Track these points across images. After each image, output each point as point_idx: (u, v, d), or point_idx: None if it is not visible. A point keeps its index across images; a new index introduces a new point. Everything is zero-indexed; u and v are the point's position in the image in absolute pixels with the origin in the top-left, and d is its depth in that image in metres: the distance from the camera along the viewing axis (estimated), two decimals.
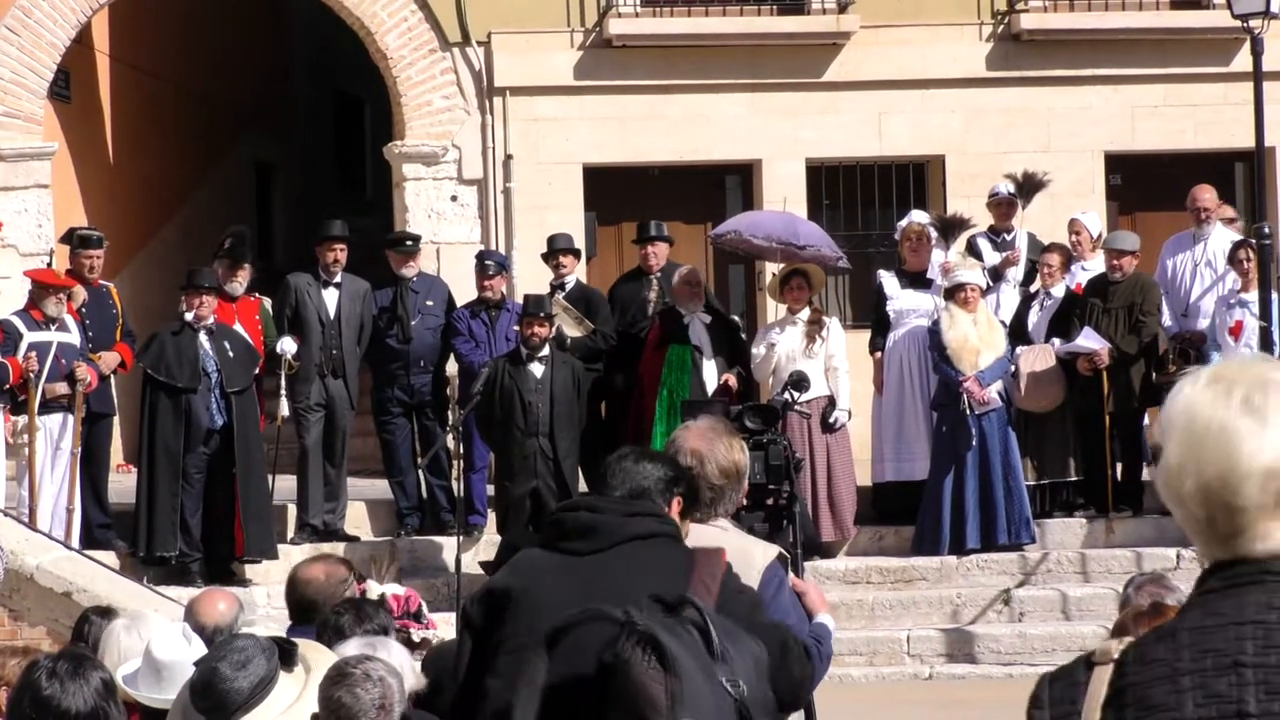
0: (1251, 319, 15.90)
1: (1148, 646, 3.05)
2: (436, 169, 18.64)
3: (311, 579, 7.19)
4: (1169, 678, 3.00)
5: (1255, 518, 3.01)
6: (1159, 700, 3.00)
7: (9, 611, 12.90)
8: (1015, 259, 16.91)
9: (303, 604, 7.18)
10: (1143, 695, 3.01)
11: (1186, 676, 2.99)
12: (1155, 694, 3.00)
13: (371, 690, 5.25)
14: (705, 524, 5.74)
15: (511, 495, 15.05)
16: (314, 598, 7.16)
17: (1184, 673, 2.99)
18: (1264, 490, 3.00)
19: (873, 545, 16.37)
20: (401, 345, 16.23)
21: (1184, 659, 3.01)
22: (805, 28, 18.87)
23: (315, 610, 7.10)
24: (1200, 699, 2.97)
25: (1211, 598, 3.06)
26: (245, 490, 15.19)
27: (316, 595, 7.16)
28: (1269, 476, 2.99)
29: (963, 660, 15.17)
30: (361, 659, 5.40)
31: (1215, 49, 19.01)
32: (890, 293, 16.60)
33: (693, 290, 16.13)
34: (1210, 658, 2.99)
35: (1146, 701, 3.01)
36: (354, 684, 5.26)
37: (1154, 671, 3.02)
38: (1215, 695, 2.97)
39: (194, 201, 22.08)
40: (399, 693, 5.31)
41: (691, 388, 15.78)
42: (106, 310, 15.77)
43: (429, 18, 18.58)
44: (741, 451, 5.83)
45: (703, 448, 5.75)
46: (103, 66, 20.01)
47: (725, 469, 5.75)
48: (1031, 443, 16.20)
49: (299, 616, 7.22)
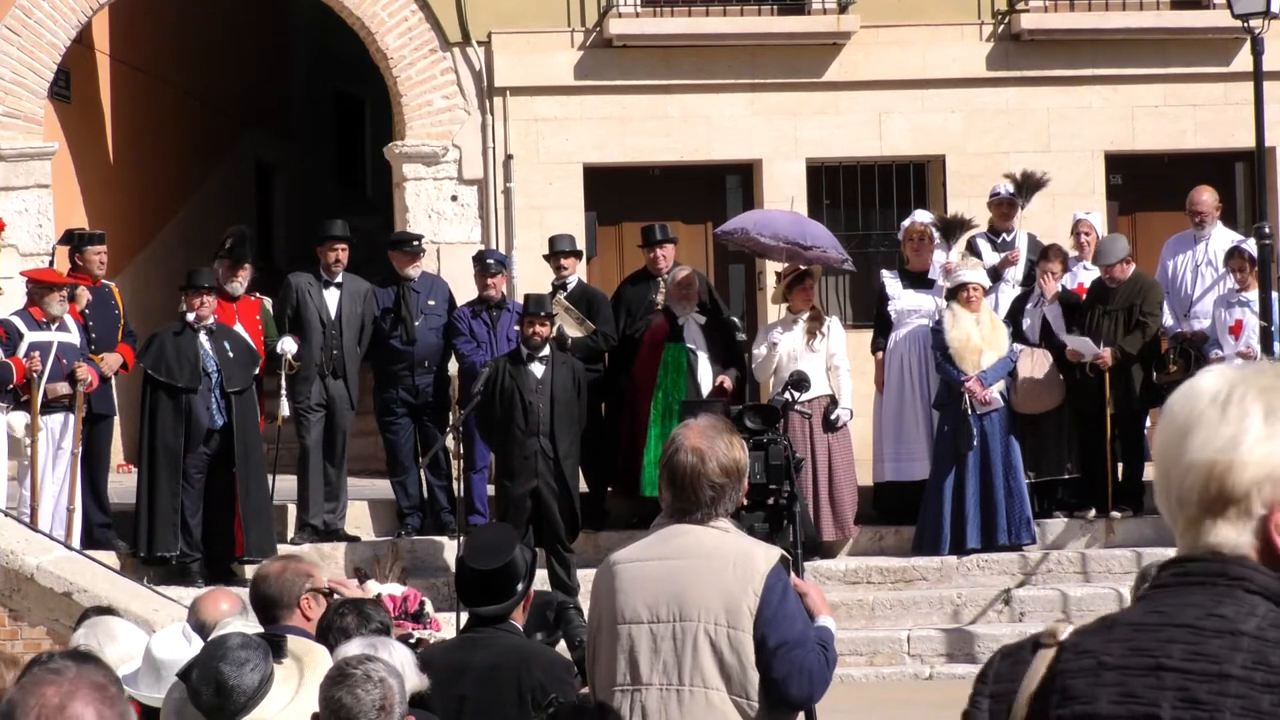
0: (1252, 318, 15.90)
1: (1086, 635, 3.00)
2: (437, 169, 18.64)
3: (267, 574, 7.06)
4: (1094, 670, 2.94)
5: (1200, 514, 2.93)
6: (1079, 692, 2.94)
7: (9, 611, 12.90)
8: (1014, 259, 16.91)
9: (264, 601, 6.96)
10: (1067, 685, 2.96)
11: (1111, 672, 2.92)
12: (1077, 685, 2.95)
13: (372, 691, 5.26)
14: (705, 525, 5.72)
15: (512, 495, 15.05)
16: (270, 594, 7.01)
17: (1110, 667, 2.93)
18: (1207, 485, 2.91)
19: (873, 545, 16.37)
20: (405, 346, 16.22)
21: (1113, 653, 2.94)
22: (805, 28, 18.86)
23: (273, 606, 6.98)
24: (1116, 696, 2.91)
25: (1159, 593, 2.98)
26: (245, 490, 15.19)
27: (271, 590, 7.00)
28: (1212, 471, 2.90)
29: (963, 660, 15.17)
30: (362, 659, 5.40)
31: (1215, 49, 19.01)
32: (892, 293, 16.60)
33: (685, 292, 16.14)
34: (1137, 656, 2.92)
35: (1069, 691, 2.96)
36: (355, 684, 5.26)
37: (1082, 662, 2.96)
38: (1131, 695, 2.90)
39: (194, 201, 22.08)
40: (399, 693, 5.31)
41: (687, 389, 15.79)
42: (109, 310, 15.77)
43: (429, 17, 18.58)
44: (741, 449, 5.82)
45: (703, 445, 5.74)
46: (103, 66, 20.01)
47: (726, 466, 5.74)
48: (1030, 443, 16.20)
49: (262, 615, 7.01)
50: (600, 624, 5.78)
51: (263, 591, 7.02)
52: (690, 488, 5.69)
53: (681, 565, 5.65)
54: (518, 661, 6.52)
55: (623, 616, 5.68)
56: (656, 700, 5.61)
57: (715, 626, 5.56)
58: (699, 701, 5.58)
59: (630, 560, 5.77)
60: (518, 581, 6.59)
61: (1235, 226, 17.78)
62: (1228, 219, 17.59)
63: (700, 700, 5.58)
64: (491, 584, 6.58)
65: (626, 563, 5.77)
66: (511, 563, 6.58)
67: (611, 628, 5.71)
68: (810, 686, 5.63)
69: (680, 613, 5.61)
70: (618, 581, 5.73)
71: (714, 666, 5.57)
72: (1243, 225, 18.09)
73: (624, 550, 5.88)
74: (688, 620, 5.59)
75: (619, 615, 5.69)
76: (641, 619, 5.65)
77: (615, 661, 5.69)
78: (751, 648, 5.54)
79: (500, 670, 6.48)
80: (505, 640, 6.59)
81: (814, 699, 5.72)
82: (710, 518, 5.72)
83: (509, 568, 6.58)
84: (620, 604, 5.69)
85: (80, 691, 3.17)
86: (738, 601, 5.55)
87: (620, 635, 5.68)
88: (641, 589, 5.67)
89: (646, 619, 5.64)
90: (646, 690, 5.63)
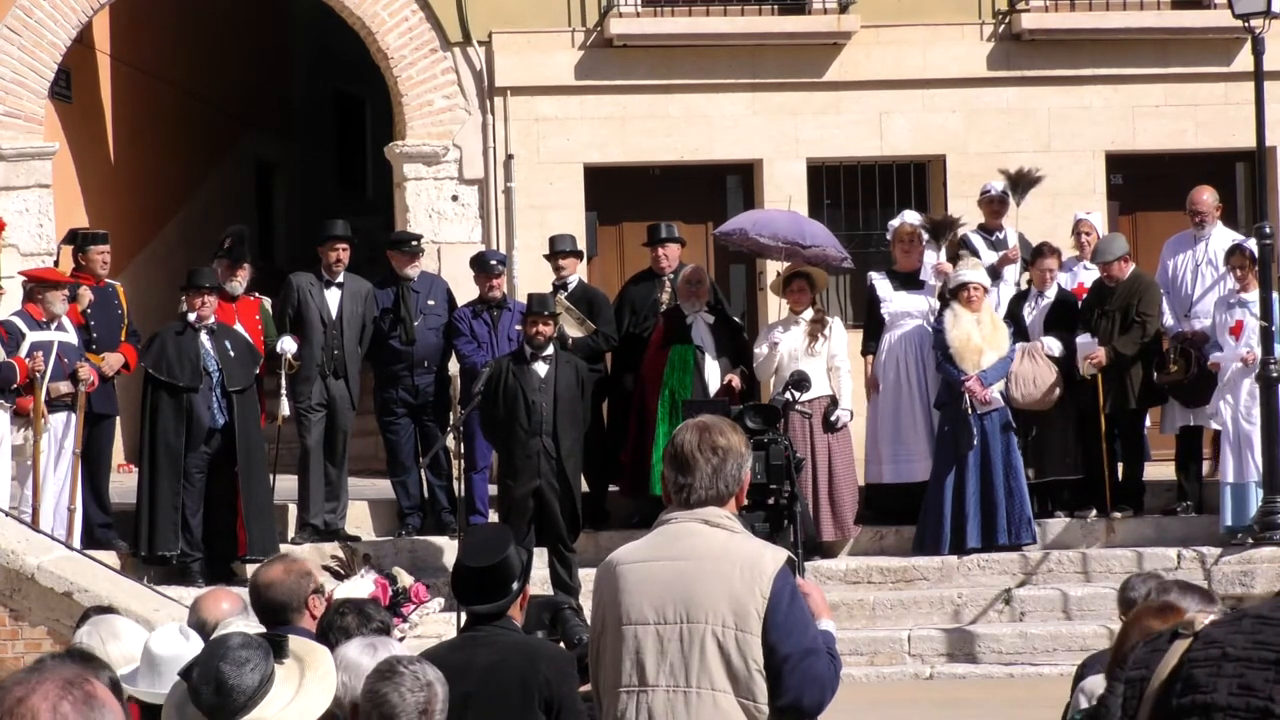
0: (1251, 319, 15.89)
1: (1218, 626, 3.02)
2: (437, 169, 18.65)
3: (272, 579, 7.07)
4: (1217, 660, 2.97)
5: None
6: (1201, 681, 2.97)
7: (10, 611, 12.90)
8: (1014, 257, 16.91)
9: (271, 607, 6.97)
10: (1191, 674, 2.99)
11: (1233, 663, 2.95)
12: (1200, 674, 2.97)
13: (418, 693, 5.28)
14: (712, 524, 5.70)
15: (514, 494, 15.05)
16: (280, 599, 7.02)
17: (1232, 659, 2.95)
18: None
19: (874, 545, 16.37)
20: (405, 346, 16.21)
21: (1237, 645, 2.96)
22: (806, 27, 18.87)
23: (284, 610, 6.98)
24: (1235, 688, 2.93)
25: None
26: (246, 490, 15.19)
27: (280, 595, 7.02)
28: None
29: (964, 660, 15.18)
30: (414, 660, 5.43)
31: (1216, 49, 19.01)
32: (883, 295, 16.60)
33: (695, 290, 16.13)
34: (1260, 649, 2.94)
35: (1191, 680, 2.98)
36: (401, 682, 5.28)
37: (1208, 652, 2.99)
38: (1249, 688, 2.92)
39: (195, 201, 22.08)
40: (442, 701, 5.33)
41: (694, 388, 15.78)
42: (112, 310, 15.77)
43: (430, 17, 18.58)
44: (742, 441, 5.82)
45: (706, 423, 5.79)
46: (104, 66, 20.01)
47: (724, 446, 5.72)
48: (1031, 442, 16.20)
49: (269, 619, 7.01)
50: (604, 625, 5.77)
51: (271, 597, 7.00)
52: (690, 459, 5.69)
53: (688, 567, 5.63)
54: (522, 658, 6.53)
55: (628, 617, 5.67)
56: (663, 702, 5.60)
57: (723, 629, 5.55)
58: (706, 704, 5.57)
59: (635, 561, 5.76)
60: (513, 580, 6.60)
61: (1236, 226, 17.79)
62: (1228, 219, 17.60)
63: (708, 702, 5.57)
64: (487, 582, 6.59)
65: (631, 563, 5.75)
66: (506, 561, 6.59)
67: (616, 629, 5.69)
68: (822, 695, 5.64)
69: (687, 614, 5.59)
70: (623, 582, 5.72)
71: (721, 669, 5.56)
72: (1243, 225, 18.09)
73: (626, 549, 5.85)
74: (695, 622, 5.58)
75: (624, 616, 5.67)
76: (648, 620, 5.64)
77: (620, 663, 5.67)
78: (759, 650, 5.53)
79: (504, 666, 6.49)
80: (507, 637, 6.60)
81: (824, 706, 5.72)
82: (710, 498, 5.69)
83: (504, 565, 6.59)
84: (626, 605, 5.68)
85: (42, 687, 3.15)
86: (745, 604, 5.54)
87: (626, 636, 5.66)
88: (647, 590, 5.66)
89: (653, 620, 5.63)
90: (653, 692, 5.61)
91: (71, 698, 3.15)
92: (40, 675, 3.18)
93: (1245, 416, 15.90)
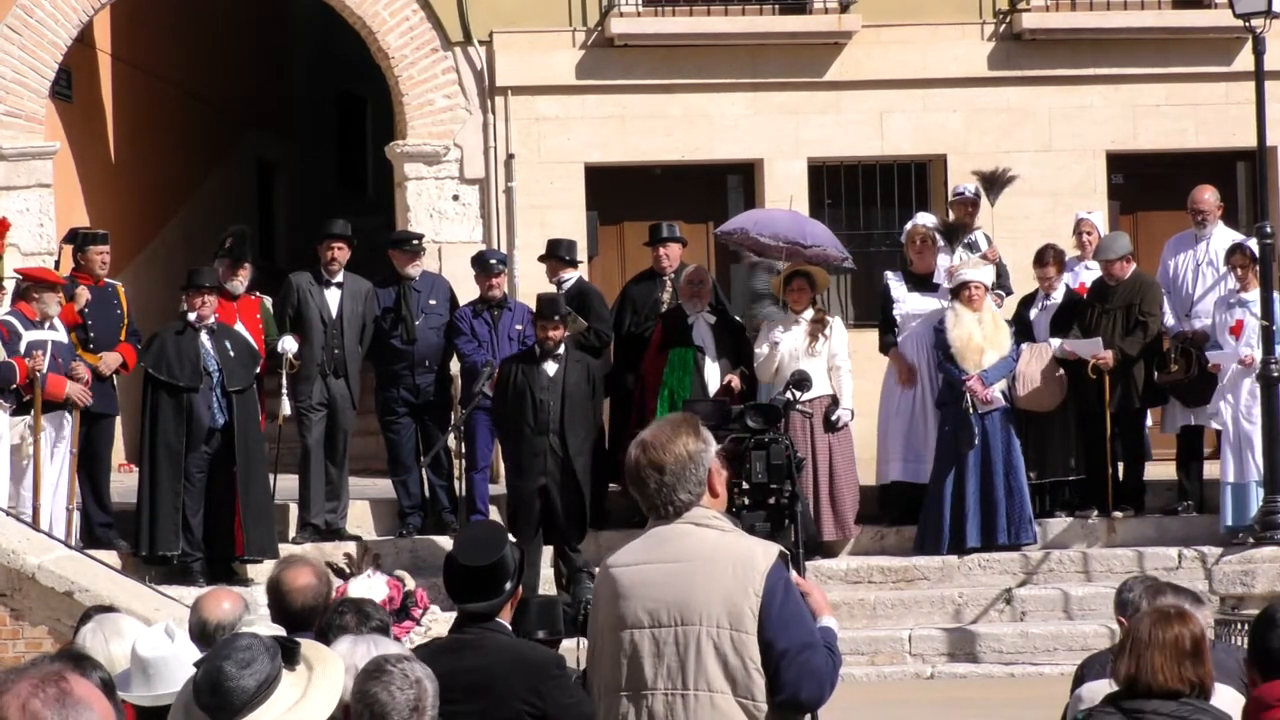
0: (1252, 319, 15.90)
1: None
2: (438, 168, 18.65)
3: (304, 586, 7.07)
4: None
5: None
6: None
7: (10, 611, 12.89)
8: (993, 257, 16.89)
9: (301, 614, 6.99)
10: None
11: None
12: None
13: (408, 691, 5.25)
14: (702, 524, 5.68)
15: (520, 493, 15.04)
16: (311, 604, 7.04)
17: None
18: None
19: (874, 545, 16.37)
20: (406, 346, 16.21)
21: None
22: (807, 27, 18.87)
23: (313, 616, 6.99)
24: None
25: None
26: (246, 489, 15.19)
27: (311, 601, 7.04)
28: None
29: (964, 660, 15.17)
30: (401, 658, 5.40)
31: (1217, 48, 19.01)
32: (897, 296, 16.59)
33: (696, 290, 16.13)
34: None
35: None
36: (390, 681, 5.26)
37: None
38: None
39: (195, 201, 22.08)
40: (433, 697, 5.31)
41: (693, 388, 15.77)
42: (112, 309, 15.75)
43: (430, 17, 18.58)
44: (696, 441, 5.64)
45: (646, 438, 5.65)
46: (104, 66, 20.01)
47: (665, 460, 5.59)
48: (1032, 442, 16.19)
49: (293, 625, 6.98)
50: (601, 629, 5.76)
51: (301, 604, 7.00)
52: (637, 480, 5.67)
53: (682, 568, 5.62)
54: (507, 666, 6.50)
55: (624, 622, 5.66)
56: (662, 705, 5.59)
57: (718, 630, 5.54)
58: (704, 705, 5.56)
59: (629, 564, 5.74)
60: (506, 579, 6.58)
61: (1236, 226, 17.79)
62: (1229, 218, 17.60)
63: (705, 704, 5.56)
64: (481, 581, 6.57)
65: (625, 566, 5.74)
66: (501, 560, 6.58)
67: (613, 633, 5.68)
68: (820, 689, 5.61)
69: (682, 617, 5.58)
70: (617, 586, 5.70)
71: (718, 670, 5.54)
72: (1244, 225, 18.09)
73: (620, 553, 5.84)
74: (690, 624, 5.57)
75: (620, 620, 5.66)
76: (643, 624, 5.62)
77: (618, 667, 5.66)
78: (756, 649, 5.52)
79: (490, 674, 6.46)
80: (495, 641, 6.57)
81: (823, 701, 5.70)
82: (680, 506, 5.66)
83: (499, 565, 6.58)
84: (621, 609, 5.66)
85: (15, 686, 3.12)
86: (739, 604, 5.53)
87: (622, 641, 5.66)
88: (642, 594, 5.65)
89: (648, 624, 5.62)
90: (651, 695, 5.61)
91: (43, 695, 3.11)
92: (19, 675, 3.16)
93: (1246, 416, 15.90)
